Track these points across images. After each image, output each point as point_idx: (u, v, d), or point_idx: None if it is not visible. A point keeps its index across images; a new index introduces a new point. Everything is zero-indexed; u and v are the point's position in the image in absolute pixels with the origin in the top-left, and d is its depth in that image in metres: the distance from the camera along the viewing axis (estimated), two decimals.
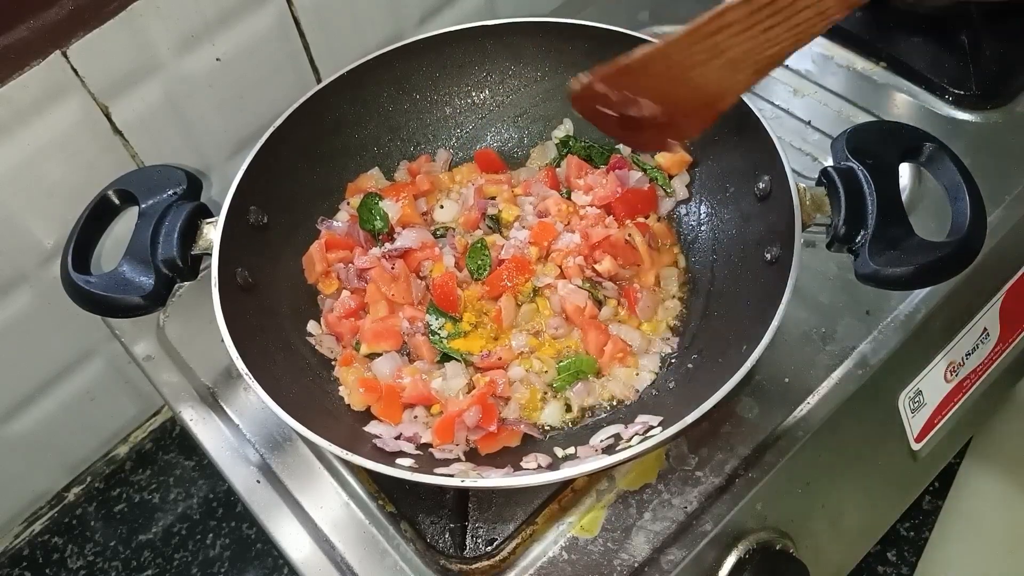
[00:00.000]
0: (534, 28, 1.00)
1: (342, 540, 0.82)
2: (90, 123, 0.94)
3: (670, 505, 0.82)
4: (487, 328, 0.90)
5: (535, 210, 0.97)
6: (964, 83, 1.08)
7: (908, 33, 1.15)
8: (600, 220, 0.94)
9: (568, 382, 0.86)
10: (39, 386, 1.08)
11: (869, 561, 1.10)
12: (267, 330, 0.85)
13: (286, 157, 0.93)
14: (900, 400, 0.93)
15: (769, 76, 1.13)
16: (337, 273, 0.94)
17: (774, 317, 0.73)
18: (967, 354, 0.98)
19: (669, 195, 0.98)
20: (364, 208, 0.96)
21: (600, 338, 0.88)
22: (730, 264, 0.92)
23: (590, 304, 0.89)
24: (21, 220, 0.95)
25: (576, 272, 0.90)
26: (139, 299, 0.79)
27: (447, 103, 1.05)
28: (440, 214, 1.00)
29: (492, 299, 0.91)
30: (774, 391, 0.88)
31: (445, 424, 0.82)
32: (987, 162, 1.00)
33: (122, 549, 1.14)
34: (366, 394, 0.85)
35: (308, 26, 1.07)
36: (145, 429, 1.24)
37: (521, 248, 0.92)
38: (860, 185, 0.77)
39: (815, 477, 0.88)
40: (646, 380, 0.87)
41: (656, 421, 0.79)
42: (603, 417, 0.86)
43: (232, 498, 1.17)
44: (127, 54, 0.93)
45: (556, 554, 0.81)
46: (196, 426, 0.92)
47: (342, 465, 0.88)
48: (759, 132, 0.85)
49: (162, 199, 0.83)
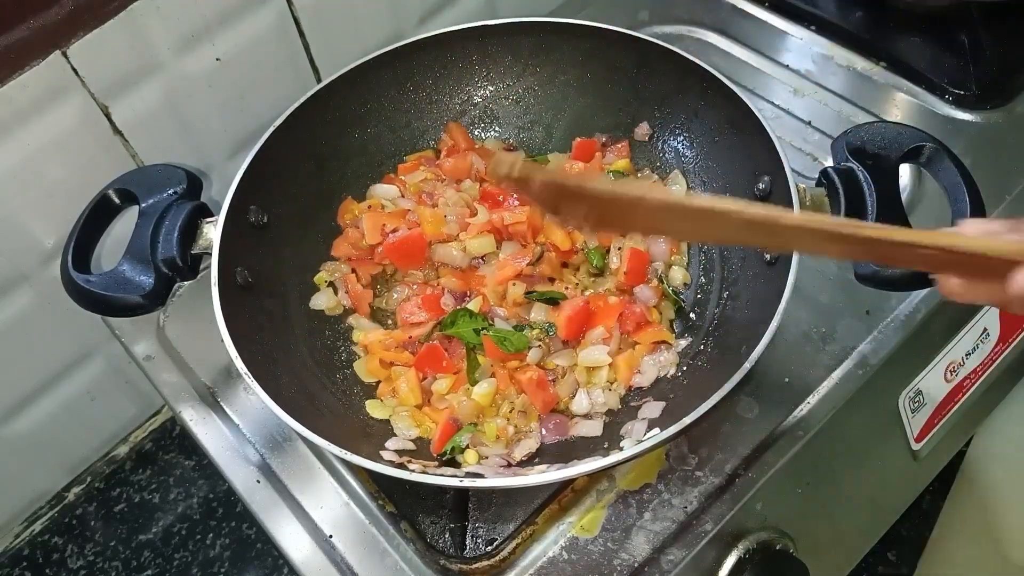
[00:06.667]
0: (534, 28, 1.00)
1: (342, 540, 0.82)
2: (90, 123, 0.94)
3: (670, 505, 0.82)
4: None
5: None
6: (964, 83, 1.08)
7: (908, 33, 1.15)
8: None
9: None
10: (39, 386, 1.08)
11: (869, 561, 1.10)
12: (267, 330, 0.85)
13: (286, 157, 0.93)
14: (900, 400, 0.93)
15: (769, 76, 1.15)
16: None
17: (774, 317, 0.73)
18: (967, 354, 0.98)
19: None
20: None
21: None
22: (730, 264, 0.92)
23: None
24: (21, 220, 0.95)
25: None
26: (139, 298, 0.79)
27: (447, 103, 1.05)
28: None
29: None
30: (774, 391, 0.88)
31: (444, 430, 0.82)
32: (987, 162, 1.00)
33: (122, 549, 1.14)
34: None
35: (308, 26, 1.07)
36: (145, 429, 1.24)
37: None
38: (860, 186, 0.77)
39: (815, 477, 0.88)
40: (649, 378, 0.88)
41: (659, 409, 0.79)
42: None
43: (232, 498, 1.17)
44: (127, 54, 0.93)
45: (556, 554, 0.81)
46: (196, 426, 0.92)
47: (342, 465, 0.88)
48: (759, 132, 0.85)
49: (162, 198, 0.83)
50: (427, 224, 0.93)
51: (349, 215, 0.99)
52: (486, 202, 0.97)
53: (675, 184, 0.99)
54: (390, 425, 0.86)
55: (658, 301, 0.92)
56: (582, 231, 0.92)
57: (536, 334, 0.90)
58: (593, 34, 0.98)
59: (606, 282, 0.94)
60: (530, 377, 0.84)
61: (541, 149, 1.07)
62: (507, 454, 0.82)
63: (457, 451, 0.81)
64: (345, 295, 0.95)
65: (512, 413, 0.84)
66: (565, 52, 1.01)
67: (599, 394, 0.86)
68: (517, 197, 0.96)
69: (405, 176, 1.02)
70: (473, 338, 0.87)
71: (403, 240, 0.93)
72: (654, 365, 0.88)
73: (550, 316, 0.90)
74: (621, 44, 0.97)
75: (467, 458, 0.81)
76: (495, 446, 0.82)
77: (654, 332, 0.89)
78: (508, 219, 0.93)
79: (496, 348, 0.86)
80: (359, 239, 0.96)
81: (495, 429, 0.82)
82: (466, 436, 0.82)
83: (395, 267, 0.96)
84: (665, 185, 0.99)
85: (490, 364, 0.87)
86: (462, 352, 0.88)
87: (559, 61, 1.02)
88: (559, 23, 0.99)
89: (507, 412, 0.85)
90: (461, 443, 0.81)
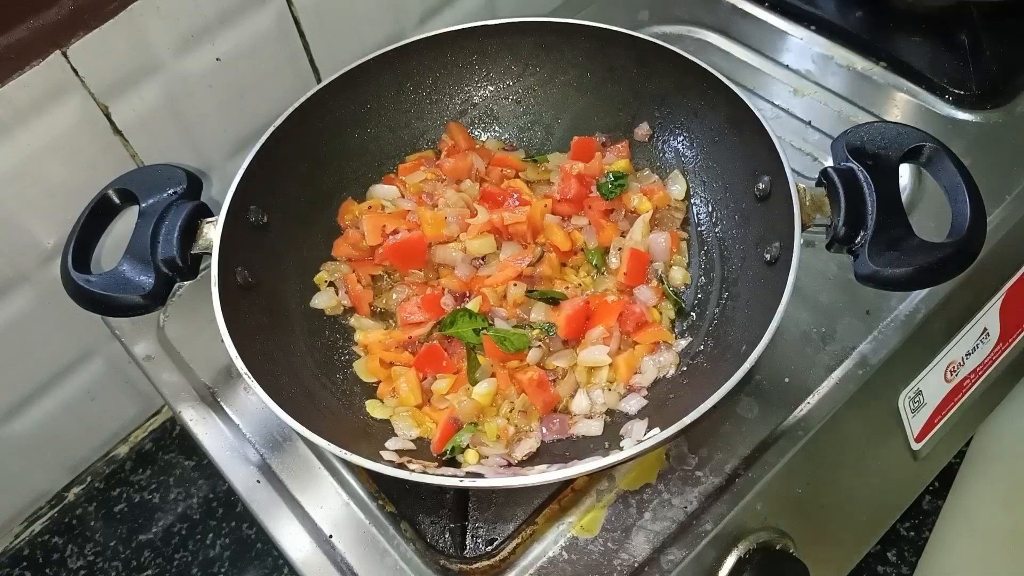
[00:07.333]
0: (534, 28, 1.00)
1: (342, 540, 0.82)
2: (90, 123, 0.94)
3: (670, 505, 0.82)
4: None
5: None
6: (964, 83, 1.08)
7: (908, 33, 1.15)
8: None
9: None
10: (39, 386, 1.08)
11: (869, 561, 1.10)
12: (267, 330, 0.85)
13: (286, 157, 0.93)
14: (900, 400, 0.93)
15: (769, 76, 1.15)
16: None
17: (774, 317, 0.73)
18: (967, 354, 0.98)
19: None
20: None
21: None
22: (730, 264, 0.92)
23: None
24: (21, 220, 0.95)
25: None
26: (139, 298, 0.79)
27: (447, 103, 1.05)
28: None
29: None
30: (774, 391, 0.88)
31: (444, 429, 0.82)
32: (987, 162, 1.00)
33: (122, 549, 1.14)
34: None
35: (308, 26, 1.07)
36: (145, 429, 1.24)
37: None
38: (860, 186, 0.77)
39: (815, 477, 0.88)
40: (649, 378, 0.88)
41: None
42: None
43: (232, 498, 1.17)
44: (127, 54, 0.93)
45: (556, 554, 0.81)
46: (196, 426, 0.92)
47: (342, 465, 0.88)
48: (759, 132, 0.85)
49: (162, 198, 0.83)
50: (427, 226, 0.93)
51: (349, 216, 0.99)
52: (486, 202, 0.97)
53: (675, 184, 0.99)
54: (390, 425, 0.86)
55: (658, 301, 0.92)
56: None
57: (536, 334, 0.89)
58: (593, 34, 0.98)
59: (606, 282, 0.94)
60: (530, 377, 0.84)
61: (541, 149, 1.07)
62: (507, 454, 0.82)
63: (457, 451, 0.81)
64: (345, 295, 0.95)
65: (512, 413, 0.84)
66: (565, 52, 1.01)
67: (599, 394, 0.86)
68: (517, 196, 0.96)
69: (405, 176, 1.02)
70: (473, 338, 0.87)
71: (403, 242, 0.93)
72: (654, 365, 0.87)
73: (550, 316, 0.90)
74: (621, 44, 0.97)
75: (467, 458, 0.81)
76: (495, 446, 0.82)
77: (654, 332, 0.89)
78: (508, 219, 0.93)
79: (496, 348, 0.86)
80: (359, 240, 0.96)
81: (495, 429, 0.82)
82: (466, 436, 0.82)
83: (395, 268, 0.96)
84: (665, 185, 0.99)
85: (490, 364, 0.87)
86: (462, 352, 0.88)
87: (559, 61, 1.02)
88: (559, 23, 0.99)
89: (507, 412, 0.85)
90: (461, 443, 0.81)
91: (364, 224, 0.95)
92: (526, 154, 1.06)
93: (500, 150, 1.05)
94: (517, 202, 0.96)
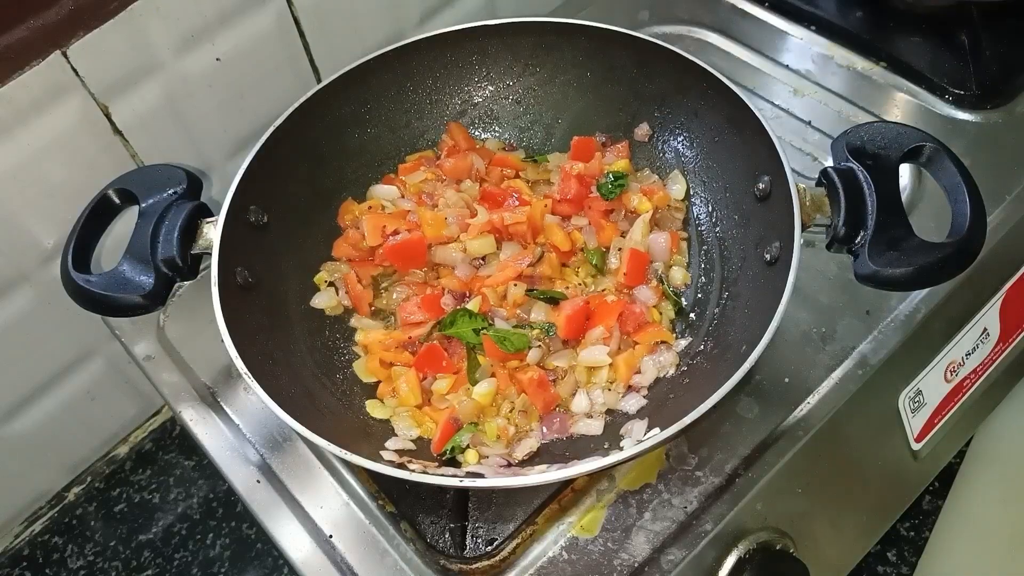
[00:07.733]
0: (534, 28, 1.00)
1: (342, 540, 0.82)
2: (90, 123, 0.94)
3: (670, 505, 0.82)
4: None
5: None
6: (964, 83, 1.08)
7: (908, 33, 1.15)
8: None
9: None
10: (39, 386, 1.08)
11: (869, 561, 1.10)
12: (267, 330, 0.85)
13: (286, 157, 0.93)
14: (900, 400, 0.93)
15: (769, 76, 1.15)
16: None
17: (774, 317, 0.73)
18: (967, 354, 0.98)
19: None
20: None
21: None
22: (730, 264, 0.92)
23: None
24: (21, 220, 0.95)
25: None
26: (139, 298, 0.79)
27: (447, 103, 1.05)
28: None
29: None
30: (774, 391, 0.88)
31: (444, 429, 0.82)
32: (987, 162, 1.00)
33: (122, 549, 1.14)
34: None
35: (308, 26, 1.07)
36: (145, 429, 1.24)
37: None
38: (860, 186, 0.77)
39: (815, 477, 0.88)
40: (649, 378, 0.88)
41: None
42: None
43: (232, 498, 1.17)
44: (127, 54, 0.93)
45: (556, 554, 0.81)
46: (196, 426, 0.92)
47: (342, 465, 0.88)
48: (759, 132, 0.85)
49: (162, 198, 0.83)
50: (427, 226, 0.93)
51: (349, 216, 0.99)
52: (486, 202, 0.97)
53: (675, 184, 0.99)
54: (390, 425, 0.86)
55: (658, 301, 0.92)
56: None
57: (536, 334, 0.89)
58: (593, 34, 0.98)
59: (606, 282, 0.94)
60: (530, 377, 0.84)
61: (541, 149, 1.07)
62: (507, 454, 0.82)
63: (457, 451, 0.81)
64: (345, 295, 0.95)
65: (512, 413, 0.85)
66: (565, 52, 1.01)
67: (599, 394, 0.86)
68: (517, 196, 0.97)
69: (405, 176, 1.02)
70: (473, 338, 0.87)
71: (403, 242, 0.93)
72: (654, 365, 0.87)
73: (550, 316, 0.90)
74: (621, 44, 0.97)
75: (467, 458, 0.81)
76: (495, 446, 0.82)
77: (654, 332, 0.89)
78: (508, 219, 0.93)
79: (496, 348, 0.86)
80: (359, 240, 0.96)
81: (496, 429, 0.82)
82: (466, 436, 0.82)
83: (395, 268, 0.96)
84: (665, 185, 0.99)
85: (490, 364, 0.87)
86: (462, 352, 0.88)
87: (559, 61, 1.02)
88: (559, 23, 0.99)
89: (507, 412, 0.85)
90: (461, 443, 0.81)
91: (364, 224, 0.95)
92: (526, 154, 1.06)
93: (500, 150, 1.05)
94: (517, 202, 0.96)
